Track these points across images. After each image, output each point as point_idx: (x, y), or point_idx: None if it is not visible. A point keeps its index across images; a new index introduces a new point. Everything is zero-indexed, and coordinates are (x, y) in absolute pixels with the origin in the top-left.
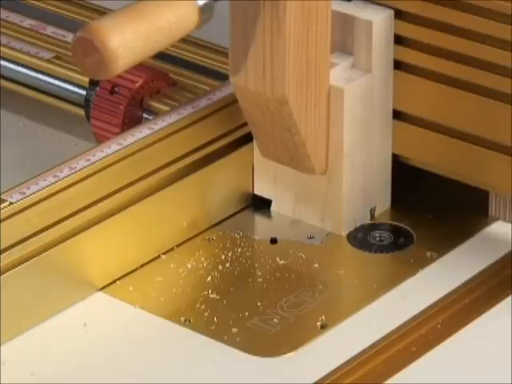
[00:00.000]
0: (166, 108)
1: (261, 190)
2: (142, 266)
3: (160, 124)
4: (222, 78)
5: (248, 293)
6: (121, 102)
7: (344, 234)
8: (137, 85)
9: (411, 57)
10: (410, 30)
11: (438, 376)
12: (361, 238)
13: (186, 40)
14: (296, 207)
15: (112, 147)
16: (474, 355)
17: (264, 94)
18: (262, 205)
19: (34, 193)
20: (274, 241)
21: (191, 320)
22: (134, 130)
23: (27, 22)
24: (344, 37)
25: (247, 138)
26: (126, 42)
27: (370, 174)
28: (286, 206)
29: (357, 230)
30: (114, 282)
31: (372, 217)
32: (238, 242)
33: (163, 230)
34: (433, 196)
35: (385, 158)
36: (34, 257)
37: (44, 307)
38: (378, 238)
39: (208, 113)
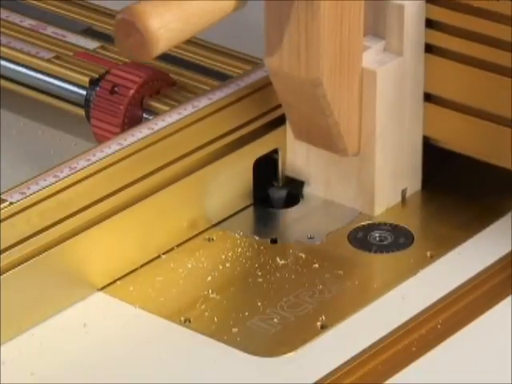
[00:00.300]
0: (166, 108)
1: (293, 172)
2: (141, 266)
3: (160, 124)
4: (222, 77)
5: (248, 293)
6: (121, 102)
7: (376, 214)
8: (137, 85)
9: (442, 40)
10: (440, 14)
11: (437, 376)
12: (361, 237)
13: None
14: (328, 189)
15: (112, 147)
16: (474, 355)
17: (298, 76)
18: (263, 203)
19: (34, 193)
20: (274, 241)
21: (191, 320)
22: (134, 130)
23: (27, 22)
24: (376, 21)
25: (245, 140)
26: (166, 23)
27: (401, 155)
28: (318, 188)
29: (356, 229)
30: (114, 282)
31: (403, 198)
32: (238, 241)
33: (163, 230)
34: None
35: (416, 139)
36: (34, 257)
37: (44, 307)
38: (378, 238)
39: (208, 113)
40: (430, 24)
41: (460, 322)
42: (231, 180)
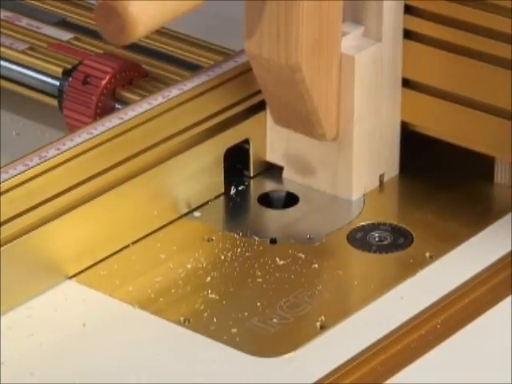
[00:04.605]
0: (138, 98)
1: (273, 158)
2: (141, 266)
3: (130, 114)
4: (193, 68)
5: (247, 293)
6: (93, 92)
7: (354, 199)
8: (109, 75)
9: (420, 26)
10: (419, 0)
11: (437, 376)
12: (360, 238)
13: (158, 31)
14: (307, 174)
15: (82, 136)
16: (474, 355)
17: (277, 61)
18: (262, 203)
19: (4, 181)
20: (273, 241)
21: (190, 320)
22: (104, 120)
23: (3, 14)
24: (355, 6)
25: (216, 130)
26: (146, 7)
27: (379, 140)
28: (296, 173)
29: (356, 230)
30: (86, 269)
31: (381, 183)
32: (238, 242)
33: (134, 219)
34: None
35: (393, 125)
36: (3, 245)
37: (13, 296)
38: (377, 238)
39: (178, 103)
40: (408, 10)
41: (459, 322)
42: (202, 170)
